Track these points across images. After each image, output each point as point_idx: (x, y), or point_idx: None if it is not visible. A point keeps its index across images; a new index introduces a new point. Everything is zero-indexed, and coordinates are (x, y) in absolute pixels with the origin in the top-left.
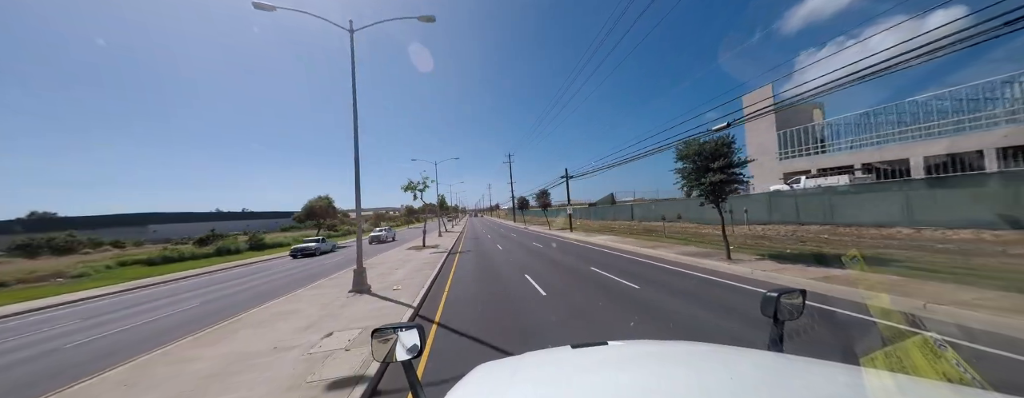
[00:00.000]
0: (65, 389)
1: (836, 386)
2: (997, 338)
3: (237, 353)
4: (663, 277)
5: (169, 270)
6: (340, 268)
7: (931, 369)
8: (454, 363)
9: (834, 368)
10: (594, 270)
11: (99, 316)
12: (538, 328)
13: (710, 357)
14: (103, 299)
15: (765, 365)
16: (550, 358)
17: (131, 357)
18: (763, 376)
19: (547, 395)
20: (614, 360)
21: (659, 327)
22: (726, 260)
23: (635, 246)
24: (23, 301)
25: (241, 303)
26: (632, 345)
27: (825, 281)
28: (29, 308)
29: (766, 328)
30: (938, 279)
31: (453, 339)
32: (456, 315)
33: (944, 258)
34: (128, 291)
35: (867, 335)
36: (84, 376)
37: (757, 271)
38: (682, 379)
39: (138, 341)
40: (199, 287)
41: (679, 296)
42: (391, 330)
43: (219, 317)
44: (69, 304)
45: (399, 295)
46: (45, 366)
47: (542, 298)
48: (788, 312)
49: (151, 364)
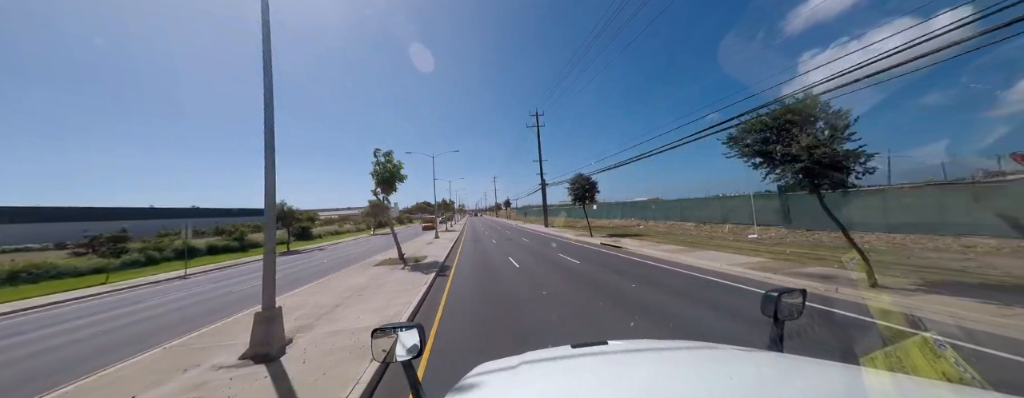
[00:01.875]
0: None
1: (836, 386)
2: None
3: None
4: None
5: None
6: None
7: (931, 369)
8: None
9: (834, 368)
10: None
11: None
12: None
13: (710, 357)
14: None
15: (765, 365)
16: (550, 358)
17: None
18: (763, 376)
19: (547, 395)
20: (614, 360)
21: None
22: (871, 289)
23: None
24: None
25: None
26: (632, 345)
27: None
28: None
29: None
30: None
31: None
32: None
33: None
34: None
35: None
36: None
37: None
38: (682, 379)
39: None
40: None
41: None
42: (391, 330)
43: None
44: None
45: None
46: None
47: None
48: (788, 312)
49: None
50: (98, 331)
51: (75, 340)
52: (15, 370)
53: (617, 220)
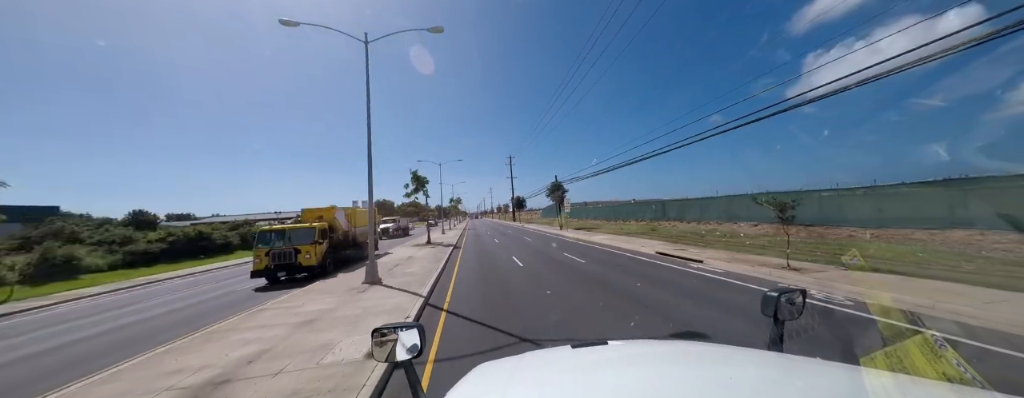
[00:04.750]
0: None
1: (836, 386)
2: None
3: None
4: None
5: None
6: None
7: (931, 369)
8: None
9: (834, 368)
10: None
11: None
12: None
13: (710, 357)
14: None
15: (765, 365)
16: (550, 358)
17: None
18: (763, 376)
19: (547, 395)
20: (614, 360)
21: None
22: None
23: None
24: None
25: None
26: (632, 345)
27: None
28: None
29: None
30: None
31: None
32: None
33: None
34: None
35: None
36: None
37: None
38: (682, 379)
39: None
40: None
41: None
42: (391, 330)
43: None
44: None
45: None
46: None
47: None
48: (788, 312)
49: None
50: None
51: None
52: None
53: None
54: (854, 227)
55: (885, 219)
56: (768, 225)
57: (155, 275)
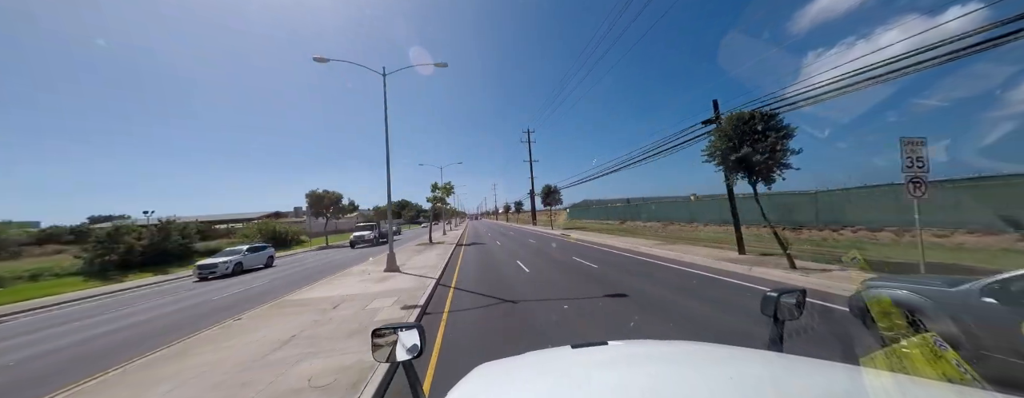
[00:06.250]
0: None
1: (836, 386)
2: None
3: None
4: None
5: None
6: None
7: (931, 369)
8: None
9: (834, 368)
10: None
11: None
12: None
13: (710, 357)
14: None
15: (765, 365)
16: (550, 358)
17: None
18: (763, 376)
19: (547, 395)
20: (614, 360)
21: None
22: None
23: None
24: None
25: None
26: (632, 345)
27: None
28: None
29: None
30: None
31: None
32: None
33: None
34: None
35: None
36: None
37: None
38: (682, 379)
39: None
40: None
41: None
42: (391, 330)
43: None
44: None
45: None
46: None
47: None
48: (788, 312)
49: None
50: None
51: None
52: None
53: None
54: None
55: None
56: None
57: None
